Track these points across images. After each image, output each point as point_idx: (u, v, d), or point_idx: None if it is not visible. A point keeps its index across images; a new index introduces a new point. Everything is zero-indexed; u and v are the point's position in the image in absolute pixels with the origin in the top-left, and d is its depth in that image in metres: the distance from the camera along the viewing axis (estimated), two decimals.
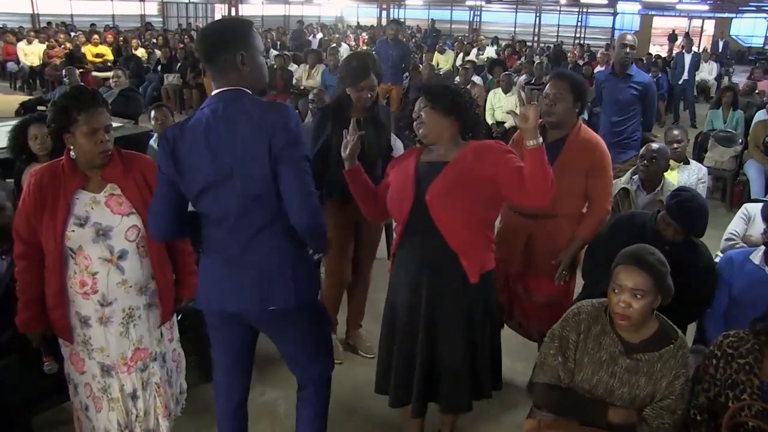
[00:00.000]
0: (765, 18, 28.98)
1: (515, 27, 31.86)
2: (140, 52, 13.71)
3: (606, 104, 5.45)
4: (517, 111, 2.46)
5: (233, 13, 14.58)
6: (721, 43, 16.59)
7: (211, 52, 2.21)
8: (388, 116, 3.68)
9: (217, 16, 32.04)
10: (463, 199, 2.53)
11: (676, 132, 4.78)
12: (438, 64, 13.48)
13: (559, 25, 31.45)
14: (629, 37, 5.37)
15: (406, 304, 2.68)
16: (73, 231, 2.42)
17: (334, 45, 13.47)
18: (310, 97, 5.81)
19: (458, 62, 14.11)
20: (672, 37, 30.53)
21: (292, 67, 10.84)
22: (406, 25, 25.97)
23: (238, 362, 2.57)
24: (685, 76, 12.14)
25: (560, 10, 30.80)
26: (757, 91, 10.27)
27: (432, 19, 22.21)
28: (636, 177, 4.05)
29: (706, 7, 24.58)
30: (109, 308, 2.49)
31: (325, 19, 32.75)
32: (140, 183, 2.52)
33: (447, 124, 2.59)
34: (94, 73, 12.13)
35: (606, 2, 26.51)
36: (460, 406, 2.77)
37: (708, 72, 14.35)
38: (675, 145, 4.73)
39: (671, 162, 4.81)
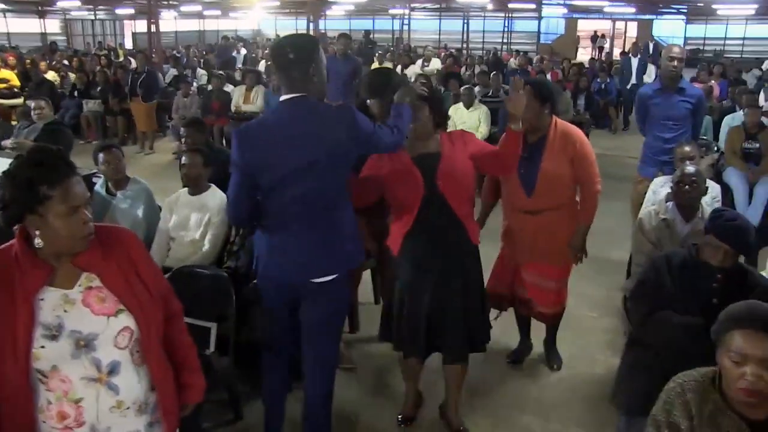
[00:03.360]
0: (683, 20, 30.07)
1: (440, 34, 32.02)
2: (50, 76, 12.67)
3: (655, 122, 5.11)
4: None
5: (153, 29, 13.71)
6: (651, 45, 16.76)
7: (291, 62, 2.65)
8: None
9: (127, 34, 30.91)
10: (463, 178, 3.16)
11: (687, 148, 4.47)
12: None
13: (484, 31, 31.76)
14: (676, 49, 5.02)
15: (421, 263, 3.19)
16: (43, 347, 1.79)
17: (269, 63, 12.87)
18: None
19: None
20: (594, 39, 31.35)
21: (228, 87, 10.18)
22: (327, 36, 25.55)
23: (288, 328, 3.00)
24: (633, 80, 12.16)
25: (485, 16, 31.10)
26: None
27: (366, 30, 21.87)
28: (671, 204, 3.69)
29: (633, 10, 25.23)
30: None
31: (242, 32, 31.99)
32: (125, 267, 1.93)
33: (431, 120, 3.19)
34: None
35: (533, 6, 26.82)
36: (460, 355, 3.32)
37: (648, 75, 14.46)
38: (687, 162, 4.42)
39: None
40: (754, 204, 6.28)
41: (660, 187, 4.55)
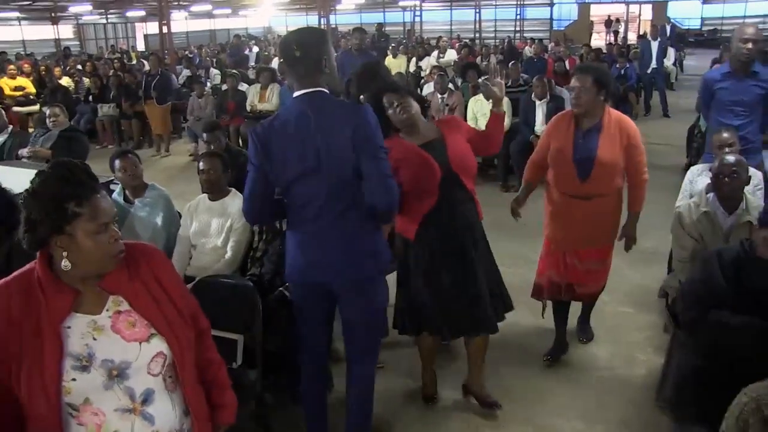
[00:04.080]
0: (700, 0, 29.59)
1: (452, 25, 31.78)
2: (65, 82, 12.63)
3: (721, 107, 4.80)
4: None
5: (164, 30, 13.61)
6: (668, 27, 16.48)
7: (299, 58, 2.59)
8: None
9: (139, 36, 30.92)
10: (469, 157, 3.29)
11: (726, 135, 4.25)
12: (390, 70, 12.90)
13: (496, 20, 31.48)
14: (750, 29, 4.64)
15: (443, 241, 3.25)
16: (74, 380, 1.66)
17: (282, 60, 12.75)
18: None
19: (411, 67, 13.61)
20: (609, 24, 30.96)
21: (242, 86, 10.04)
22: (338, 30, 25.41)
23: (320, 327, 3.01)
24: (654, 64, 11.89)
25: (497, 5, 30.81)
26: None
27: (379, 23, 21.67)
28: (711, 196, 3.51)
29: None
30: None
31: (253, 30, 31.95)
32: (153, 287, 1.80)
33: (420, 110, 3.32)
34: (15, 108, 10.98)
35: None
36: (490, 325, 3.35)
37: (668, 58, 14.17)
38: (726, 150, 4.22)
39: None
40: None
41: (697, 176, 4.36)
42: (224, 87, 10.14)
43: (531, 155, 4.03)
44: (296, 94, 2.68)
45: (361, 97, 3.50)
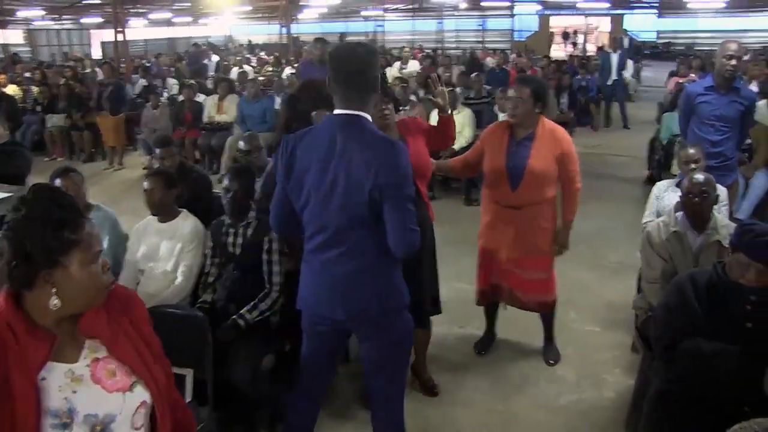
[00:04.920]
0: (655, 13, 30.16)
1: (414, 35, 31.79)
2: (11, 90, 12.11)
3: (701, 122, 4.75)
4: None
5: (119, 38, 13.24)
6: (626, 40, 16.60)
7: (350, 76, 2.42)
8: None
9: (95, 43, 30.22)
10: (423, 160, 3.36)
11: (692, 151, 4.18)
12: None
13: (458, 31, 31.60)
14: (733, 45, 4.62)
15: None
16: None
17: (241, 70, 12.49)
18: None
19: None
20: (566, 36, 31.32)
21: (199, 97, 9.78)
22: (300, 40, 25.18)
23: (322, 361, 2.82)
24: (614, 76, 11.94)
25: (459, 15, 30.95)
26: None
27: (341, 33, 21.58)
28: (681, 215, 3.41)
29: (606, 5, 25.14)
30: None
31: (214, 39, 31.48)
32: (130, 330, 1.64)
33: (393, 111, 3.39)
34: None
35: (506, 4, 26.67)
36: (425, 321, 3.52)
37: (626, 70, 14.27)
38: (692, 166, 4.15)
39: None
40: (748, 197, 6.13)
41: (663, 192, 4.28)
42: (181, 98, 9.85)
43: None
44: (336, 112, 2.49)
45: (314, 113, 3.40)
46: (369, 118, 2.48)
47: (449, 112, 3.51)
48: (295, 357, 3.79)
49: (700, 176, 3.35)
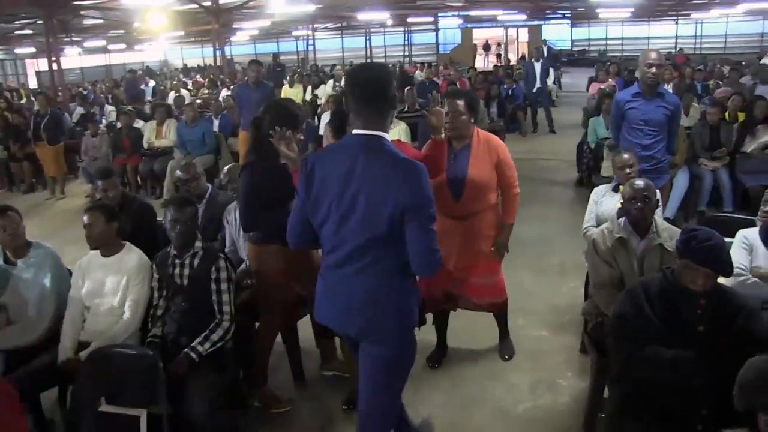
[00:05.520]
0: (569, 23, 30.88)
1: (343, 52, 31.71)
2: None
3: (631, 127, 4.71)
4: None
5: (54, 67, 12.64)
6: (545, 49, 16.85)
7: (371, 96, 2.35)
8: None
9: (30, 72, 29.06)
10: None
11: (626, 156, 4.15)
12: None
13: (386, 46, 31.67)
14: (653, 54, 4.62)
15: None
16: None
17: (177, 94, 12.08)
18: (223, 175, 4.58)
19: (307, 96, 13.26)
20: (486, 47, 31.76)
21: (138, 123, 9.37)
22: (235, 62, 24.74)
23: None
24: (538, 84, 12.05)
25: (385, 31, 31.00)
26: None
27: (274, 54, 21.22)
28: (623, 221, 3.33)
29: (523, 17, 25.56)
30: None
31: (150, 63, 30.70)
32: None
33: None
34: None
35: (430, 19, 26.81)
36: None
37: (548, 78, 14.46)
38: (627, 170, 4.11)
39: (623, 190, 4.21)
40: (672, 195, 6.21)
41: (602, 196, 4.23)
42: (119, 124, 9.41)
43: None
44: (356, 132, 2.40)
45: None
46: (388, 138, 2.40)
47: (441, 137, 3.19)
48: (251, 382, 3.63)
49: (640, 182, 3.28)
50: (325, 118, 8.25)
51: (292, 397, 3.79)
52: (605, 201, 4.16)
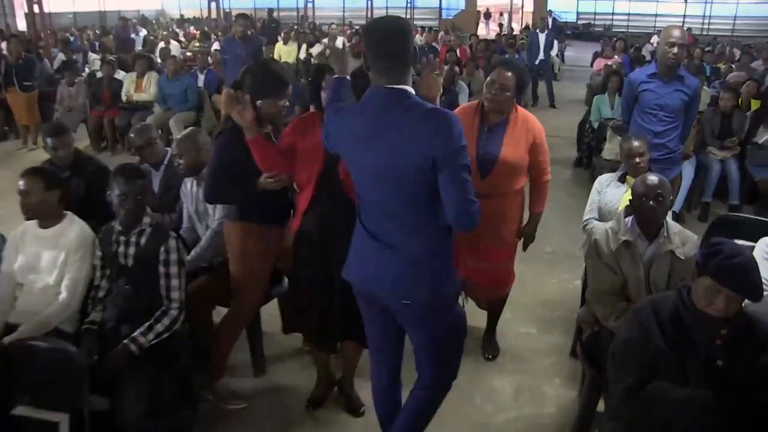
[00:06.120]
0: None
1: (344, 11, 30.90)
2: None
3: (643, 111, 4.30)
4: None
5: (35, 9, 11.94)
6: (549, 20, 16.24)
7: (393, 49, 2.17)
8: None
9: (19, 14, 28.05)
10: None
11: (636, 143, 3.71)
12: (281, 58, 11.95)
13: (387, 8, 30.86)
14: (676, 32, 4.15)
15: (321, 264, 2.83)
16: None
17: (164, 45, 11.48)
18: (173, 146, 3.80)
19: (302, 54, 12.70)
20: (487, 15, 30.99)
21: (119, 74, 8.83)
22: (231, 15, 23.95)
23: (382, 345, 2.60)
24: (541, 56, 11.54)
25: None
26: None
27: (269, 9, 20.46)
28: (630, 220, 2.92)
29: None
30: None
31: (145, 12, 29.77)
32: None
33: None
34: None
35: None
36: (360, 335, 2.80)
37: (552, 50, 13.92)
38: (637, 159, 3.69)
39: (631, 181, 3.80)
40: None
41: (606, 186, 3.80)
42: (99, 74, 8.87)
43: None
44: (379, 86, 2.20)
45: (259, 103, 2.86)
46: (413, 92, 2.20)
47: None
48: (202, 381, 3.26)
49: (654, 178, 2.86)
50: None
51: (250, 391, 3.42)
52: (609, 192, 3.74)
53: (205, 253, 3.31)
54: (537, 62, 11.58)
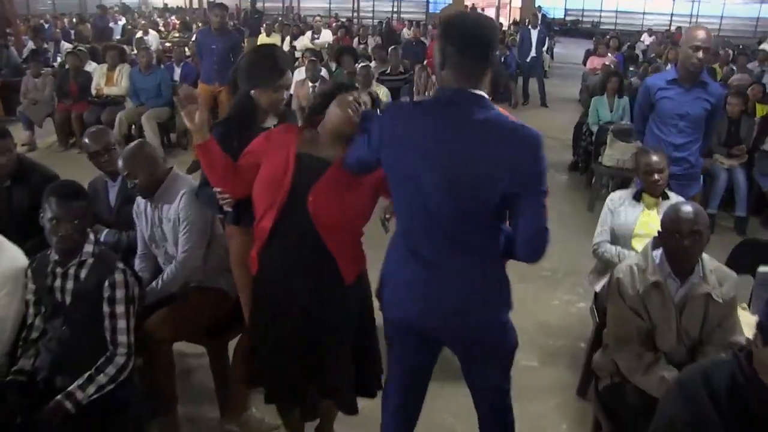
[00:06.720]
0: None
1: (330, 3, 30.34)
2: None
3: (662, 121, 3.86)
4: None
5: None
6: (539, 16, 15.86)
7: (479, 50, 1.93)
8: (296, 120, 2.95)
9: None
10: (347, 201, 2.26)
11: (656, 158, 3.27)
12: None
13: (375, 1, 30.38)
14: (701, 34, 3.66)
15: (282, 309, 2.33)
16: None
17: (141, 35, 10.89)
18: (122, 172, 2.96)
19: (285, 47, 12.17)
20: (472, 10, 30.55)
21: (90, 66, 8.27)
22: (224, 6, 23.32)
23: (411, 383, 2.32)
24: (533, 53, 11.11)
25: None
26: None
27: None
28: (658, 255, 2.48)
29: None
30: None
31: (128, 1, 29.02)
32: None
33: None
34: None
35: None
36: (353, 408, 2.46)
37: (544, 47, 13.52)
38: (656, 176, 3.26)
39: (648, 200, 3.38)
40: None
41: (619, 205, 3.37)
42: (66, 65, 8.31)
43: None
44: (456, 89, 1.93)
45: (253, 92, 2.52)
46: (488, 99, 1.95)
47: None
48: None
49: (688, 208, 2.41)
50: (298, 75, 7.25)
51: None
52: (623, 212, 3.31)
53: (166, 289, 2.84)
54: (528, 59, 11.15)
